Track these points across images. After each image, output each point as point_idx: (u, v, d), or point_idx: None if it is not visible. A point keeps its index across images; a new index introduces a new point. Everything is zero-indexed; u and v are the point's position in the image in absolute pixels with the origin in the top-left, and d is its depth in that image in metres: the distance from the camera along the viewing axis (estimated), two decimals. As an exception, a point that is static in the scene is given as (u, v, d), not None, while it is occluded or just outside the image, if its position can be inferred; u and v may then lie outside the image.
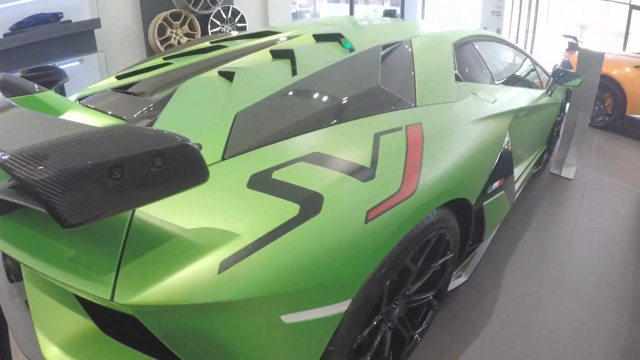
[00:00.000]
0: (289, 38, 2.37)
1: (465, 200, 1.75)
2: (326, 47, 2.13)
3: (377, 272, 1.32)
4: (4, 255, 1.63)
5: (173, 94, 1.71)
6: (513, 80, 3.16)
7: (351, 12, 8.81)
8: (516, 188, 2.84)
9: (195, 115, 1.55)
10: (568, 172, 4.06)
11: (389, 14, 8.69)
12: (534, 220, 3.18)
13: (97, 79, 2.46)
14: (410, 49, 2.11)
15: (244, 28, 5.75)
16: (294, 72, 1.81)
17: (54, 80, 2.84)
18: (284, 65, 1.92)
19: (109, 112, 1.73)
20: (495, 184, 2.00)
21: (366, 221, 1.22)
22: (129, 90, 2.00)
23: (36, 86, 1.87)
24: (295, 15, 12.00)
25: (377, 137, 1.45)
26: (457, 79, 2.23)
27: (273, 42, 2.33)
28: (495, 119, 2.12)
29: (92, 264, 1.00)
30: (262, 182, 1.19)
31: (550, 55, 8.20)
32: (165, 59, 2.46)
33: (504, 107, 2.29)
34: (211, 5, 5.47)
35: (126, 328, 1.12)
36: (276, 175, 1.22)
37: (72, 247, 1.04)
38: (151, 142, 0.87)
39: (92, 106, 1.86)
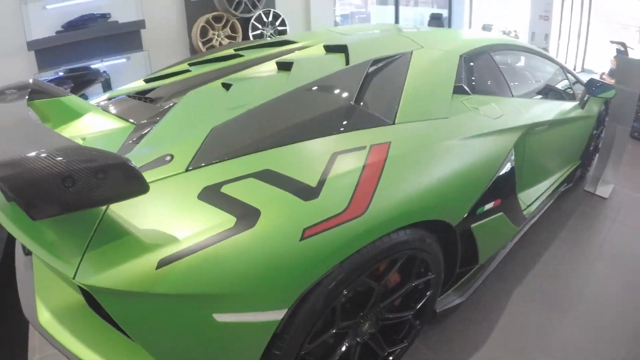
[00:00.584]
0: (303, 48, 2.46)
1: (445, 222, 1.74)
2: (328, 59, 2.20)
3: (321, 287, 1.39)
4: None
5: (176, 104, 1.87)
6: (538, 92, 3.05)
7: (396, 16, 8.81)
8: (537, 206, 2.75)
9: (183, 126, 1.69)
10: (603, 190, 3.90)
11: (435, 18, 8.63)
12: (557, 241, 3.07)
13: (141, 75, 2.74)
14: (407, 63, 2.09)
15: (284, 31, 5.89)
16: (286, 86, 1.91)
17: (90, 80, 3.07)
18: (280, 77, 2.02)
19: (122, 117, 1.92)
20: (489, 205, 1.93)
21: (302, 238, 1.27)
22: (148, 95, 2.15)
23: (63, 90, 2.11)
24: (346, 18, 12.11)
25: (333, 157, 1.49)
26: (464, 92, 2.18)
27: (287, 52, 2.44)
28: (495, 135, 2.06)
29: (65, 248, 1.24)
30: (210, 194, 1.32)
31: (604, 63, 7.91)
32: (190, 64, 2.63)
33: (510, 122, 2.22)
34: (252, 8, 5.66)
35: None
36: (224, 189, 1.34)
37: (53, 234, 1.29)
38: (98, 158, 1.07)
39: (107, 110, 2.05)
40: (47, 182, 1.01)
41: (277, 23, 5.90)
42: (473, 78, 2.38)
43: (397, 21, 8.88)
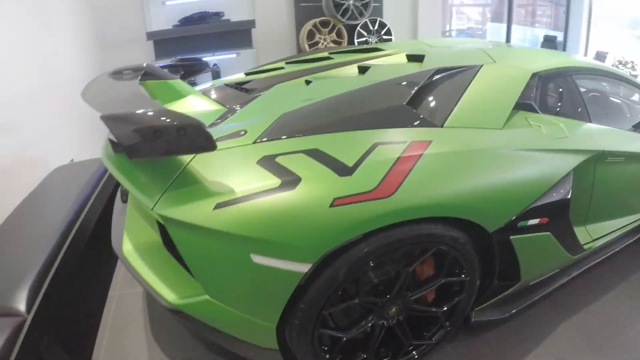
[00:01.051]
0: (388, 55, 2.70)
1: (481, 227, 1.86)
2: (402, 66, 2.44)
3: (346, 256, 1.65)
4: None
5: (262, 94, 2.28)
6: (630, 125, 2.95)
7: (507, 35, 8.69)
8: (604, 242, 2.63)
9: (261, 111, 2.09)
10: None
11: (549, 40, 8.42)
12: (623, 284, 2.83)
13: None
14: (472, 75, 2.22)
15: (389, 41, 6.08)
16: (355, 86, 2.19)
17: (198, 70, 3.48)
18: (354, 78, 2.32)
19: (217, 101, 2.35)
20: (533, 221, 1.98)
21: (331, 205, 1.54)
22: (244, 86, 2.51)
23: (171, 74, 2.61)
24: (462, 33, 12.06)
25: (374, 145, 1.74)
26: (531, 109, 2.27)
27: (373, 58, 2.68)
28: (553, 154, 2.11)
29: (151, 188, 1.66)
30: (266, 161, 1.67)
31: None
32: (287, 62, 2.98)
33: (575, 145, 2.24)
34: (358, 16, 5.95)
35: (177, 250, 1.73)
36: (278, 159, 1.68)
37: (144, 177, 1.73)
38: (181, 120, 1.47)
39: (207, 95, 2.50)
40: (143, 132, 1.44)
41: (383, 32, 6.12)
42: (545, 97, 2.44)
43: (508, 40, 8.74)
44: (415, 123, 1.94)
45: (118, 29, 5.82)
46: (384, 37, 6.16)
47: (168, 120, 1.47)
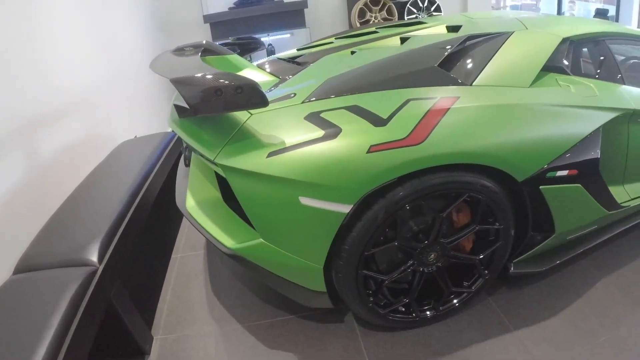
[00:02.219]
0: (429, 28, 2.82)
1: (510, 176, 1.99)
2: (439, 36, 2.57)
3: (383, 200, 1.83)
4: (185, 148, 2.78)
5: (311, 64, 2.49)
6: None
7: (558, 9, 8.40)
8: (636, 202, 2.57)
9: (310, 78, 2.28)
10: None
11: (600, 13, 8.08)
12: None
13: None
14: (503, 40, 2.33)
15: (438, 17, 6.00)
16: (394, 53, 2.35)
17: (253, 48, 3.60)
18: (395, 48, 2.46)
19: (272, 73, 2.57)
20: (562, 173, 2.06)
21: (368, 152, 1.74)
22: (297, 59, 2.61)
23: (228, 50, 2.85)
24: (516, 8, 11.73)
25: (407, 101, 1.92)
26: (562, 71, 2.34)
27: (416, 30, 2.81)
28: (580, 110, 2.18)
29: (213, 143, 1.91)
30: (312, 117, 1.90)
31: None
32: (336, 38, 3.08)
33: (604, 103, 2.29)
34: (408, -7, 5.89)
35: (235, 202, 1.97)
36: (323, 114, 1.90)
37: (206, 135, 1.98)
38: (238, 80, 1.72)
39: (262, 68, 2.73)
40: (206, 91, 1.68)
41: (432, 9, 6.09)
42: (577, 61, 2.54)
43: (559, 14, 8.43)
44: (445, 82, 2.09)
45: (177, 13, 6.16)
46: (434, 13, 6.12)
47: (227, 81, 1.71)
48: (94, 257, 1.95)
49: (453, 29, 2.63)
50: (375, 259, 2.08)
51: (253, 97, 1.73)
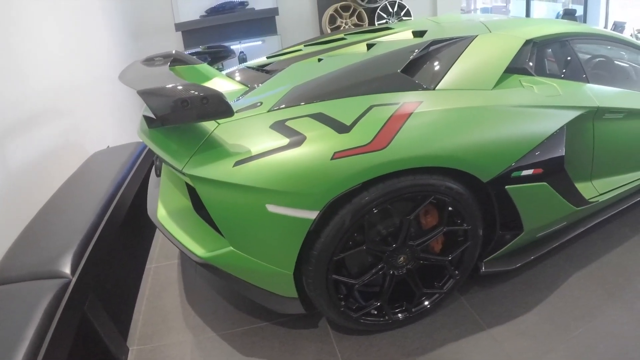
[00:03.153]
0: (396, 33, 2.87)
1: (475, 178, 2.02)
2: (404, 41, 2.59)
3: (350, 205, 1.85)
4: (156, 159, 2.77)
5: (278, 72, 2.50)
6: (633, 85, 3.00)
7: (527, 11, 8.62)
8: (612, 196, 2.69)
9: (276, 86, 2.30)
10: None
11: (568, 13, 8.29)
12: (636, 237, 2.86)
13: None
14: (467, 44, 2.37)
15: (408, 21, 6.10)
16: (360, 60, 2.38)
17: (224, 56, 3.63)
18: (360, 54, 2.51)
19: (240, 82, 2.61)
20: (527, 171, 2.10)
21: (332, 158, 1.77)
22: (265, 68, 2.65)
23: (198, 60, 2.86)
24: (487, 11, 11.93)
25: (370, 107, 1.95)
26: (526, 73, 2.39)
27: (383, 36, 2.85)
28: (543, 109, 2.23)
29: (181, 153, 1.91)
30: (278, 125, 1.92)
31: None
32: (305, 45, 3.12)
33: (568, 102, 2.34)
34: (377, -1, 5.98)
35: (206, 211, 1.97)
36: (288, 123, 1.92)
37: (175, 145, 1.98)
38: (204, 91, 1.74)
39: (231, 77, 2.74)
40: (173, 102, 1.71)
41: (402, 13, 6.18)
42: (541, 62, 2.58)
43: (528, 15, 8.64)
44: (409, 87, 2.13)
45: (149, 21, 6.09)
46: (404, 18, 6.21)
47: (193, 91, 1.74)
48: (66, 269, 1.93)
49: (419, 34, 2.67)
50: (345, 264, 2.09)
51: (219, 107, 1.75)
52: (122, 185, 2.85)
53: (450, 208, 2.05)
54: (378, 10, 6.13)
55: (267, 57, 3.16)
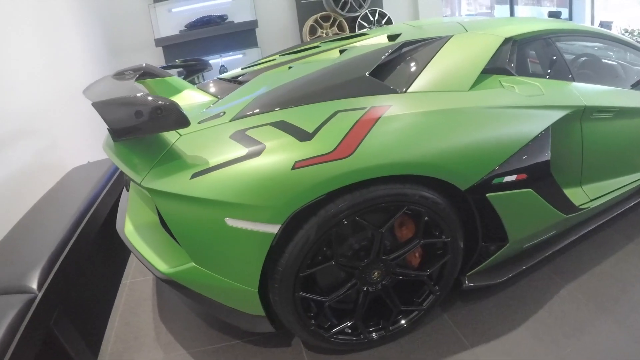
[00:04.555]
0: (371, 38, 2.75)
1: (453, 186, 1.89)
2: (377, 45, 2.49)
3: (316, 218, 1.74)
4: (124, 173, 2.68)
5: (247, 82, 2.43)
6: (622, 83, 2.91)
7: (511, 15, 8.77)
8: (604, 202, 2.56)
9: (241, 96, 2.20)
10: None
11: (553, 15, 8.42)
12: (631, 245, 2.73)
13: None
14: (441, 45, 2.26)
15: (390, 30, 6.16)
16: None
17: (200, 69, 3.66)
18: (331, 60, 2.41)
19: (210, 93, 2.53)
20: (510, 177, 1.96)
21: (292, 168, 1.65)
22: (238, 78, 2.69)
23: (168, 72, 2.76)
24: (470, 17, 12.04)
25: (335, 113, 1.84)
26: (506, 72, 2.27)
27: (357, 41, 2.75)
28: (527, 111, 2.09)
29: (141, 167, 1.82)
30: (238, 135, 1.82)
31: None
32: (280, 55, 3.10)
33: (551, 101, 2.20)
34: (358, 8, 6.05)
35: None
36: (248, 132, 1.82)
37: (137, 159, 1.88)
38: (157, 101, 1.64)
39: (202, 88, 2.66)
40: (126, 114, 1.63)
41: (384, 22, 6.20)
42: (522, 61, 2.46)
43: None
44: (377, 91, 2.01)
45: (129, 37, 6.04)
46: (385, 26, 6.24)
47: (147, 102, 1.64)
48: (33, 284, 1.90)
49: (394, 37, 2.55)
50: (316, 279, 1.96)
51: (173, 117, 1.66)
52: (96, 201, 2.82)
53: (426, 219, 1.91)
54: (359, 20, 6.09)
55: (242, 69, 3.06)
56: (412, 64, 2.19)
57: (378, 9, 6.20)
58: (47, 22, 3.95)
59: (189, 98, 2.50)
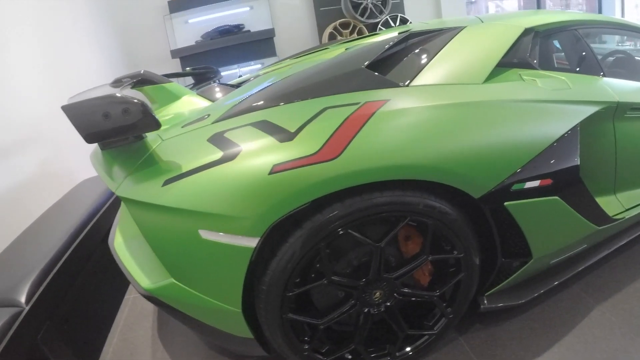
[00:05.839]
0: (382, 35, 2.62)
1: (463, 193, 1.66)
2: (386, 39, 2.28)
3: (300, 230, 1.53)
4: None
5: (244, 85, 2.30)
6: None
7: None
8: (632, 214, 2.27)
9: (233, 97, 2.06)
10: None
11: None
12: None
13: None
14: (452, 36, 2.05)
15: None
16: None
17: (210, 77, 3.63)
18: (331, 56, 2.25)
19: (208, 98, 2.40)
20: (532, 183, 1.71)
21: (270, 172, 1.45)
22: (242, 84, 2.61)
23: (166, 79, 2.65)
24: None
25: (323, 110, 1.63)
26: (527, 66, 2.05)
27: (367, 40, 2.63)
28: (551, 106, 1.86)
29: (117, 175, 1.70)
30: (216, 137, 1.64)
31: None
32: (292, 59, 3.05)
33: (579, 96, 1.97)
34: (378, 14, 5.91)
35: None
36: (227, 134, 1.63)
37: (117, 168, 1.74)
38: (125, 101, 1.50)
39: (200, 94, 2.55)
40: (94, 116, 1.50)
41: (405, 28, 6.13)
42: (546, 53, 2.23)
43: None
44: (375, 85, 1.79)
45: (145, 49, 6.06)
46: (408, 33, 6.17)
47: (113, 102, 1.49)
48: (21, 298, 1.86)
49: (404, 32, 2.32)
50: (312, 299, 1.77)
51: (141, 118, 1.50)
52: (97, 214, 2.81)
53: (434, 231, 1.68)
54: (379, 26, 5.97)
55: (253, 77, 3.08)
56: (418, 55, 1.97)
57: (399, 15, 6.05)
58: (66, 33, 4.00)
59: (188, 104, 2.44)
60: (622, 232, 2.34)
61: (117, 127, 1.52)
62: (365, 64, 1.88)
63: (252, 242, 1.49)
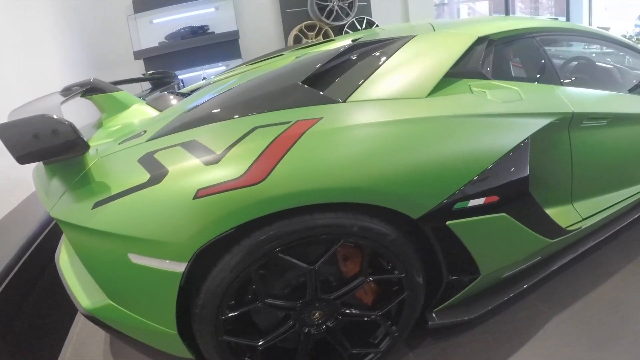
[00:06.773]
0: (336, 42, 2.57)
1: (402, 214, 1.63)
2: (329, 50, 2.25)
3: (230, 255, 1.52)
4: None
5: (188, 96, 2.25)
6: (619, 87, 2.69)
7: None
8: (600, 219, 2.32)
9: (173, 112, 2.00)
10: None
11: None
12: (631, 265, 2.47)
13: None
14: (399, 46, 2.01)
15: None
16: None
17: (168, 82, 3.59)
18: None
19: (156, 107, 2.35)
20: (476, 201, 1.68)
21: (195, 197, 1.43)
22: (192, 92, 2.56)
23: (116, 87, 2.59)
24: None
25: (252, 130, 1.59)
26: (479, 76, 2.03)
27: (322, 47, 2.58)
28: (500, 119, 1.82)
29: (53, 195, 1.67)
30: (146, 158, 1.61)
31: None
32: (247, 64, 2.99)
33: (532, 108, 1.94)
34: (344, 17, 5.91)
35: None
36: (157, 154, 1.60)
37: (56, 187, 1.71)
38: (54, 123, 1.46)
39: (149, 103, 2.48)
40: (24, 137, 1.45)
41: (371, 31, 6.15)
42: (500, 62, 2.20)
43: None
44: (309, 101, 1.74)
45: (109, 50, 5.92)
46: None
47: (43, 124, 1.45)
48: None
49: (358, 40, 2.31)
50: (253, 320, 1.75)
51: (69, 140, 1.46)
52: (50, 224, 2.78)
53: (372, 253, 1.66)
54: (345, 28, 5.95)
55: (206, 82, 2.96)
56: (360, 68, 1.92)
57: (366, 17, 6.05)
58: (24, 33, 3.91)
59: (138, 113, 2.39)
60: (581, 240, 2.34)
61: (46, 147, 1.47)
62: (303, 78, 1.83)
63: (180, 267, 1.47)
